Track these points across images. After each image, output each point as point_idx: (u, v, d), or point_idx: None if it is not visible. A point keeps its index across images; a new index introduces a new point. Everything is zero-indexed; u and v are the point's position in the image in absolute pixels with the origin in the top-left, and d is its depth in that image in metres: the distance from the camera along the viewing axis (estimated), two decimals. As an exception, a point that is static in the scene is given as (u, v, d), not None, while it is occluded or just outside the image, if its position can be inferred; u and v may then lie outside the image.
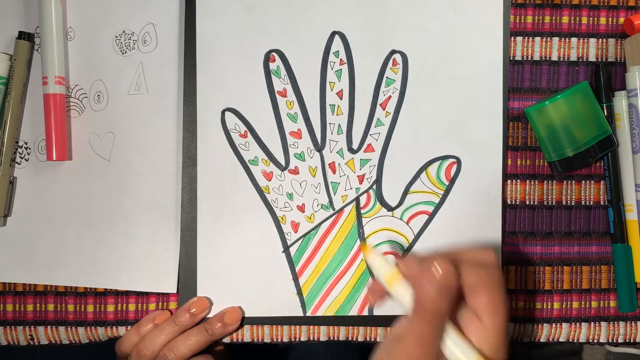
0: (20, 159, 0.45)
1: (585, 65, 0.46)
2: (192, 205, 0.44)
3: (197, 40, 0.45)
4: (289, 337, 0.45)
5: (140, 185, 0.45)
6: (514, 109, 0.46)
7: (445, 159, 0.45)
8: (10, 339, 0.45)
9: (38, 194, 0.45)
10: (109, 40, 0.45)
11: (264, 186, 0.45)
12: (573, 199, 0.46)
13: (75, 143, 0.45)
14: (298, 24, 0.45)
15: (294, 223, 0.45)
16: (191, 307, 0.43)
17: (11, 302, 0.45)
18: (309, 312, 0.45)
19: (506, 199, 0.46)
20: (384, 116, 0.45)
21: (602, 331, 0.46)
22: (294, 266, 0.45)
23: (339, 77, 0.45)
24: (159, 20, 0.45)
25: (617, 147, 0.45)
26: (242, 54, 0.45)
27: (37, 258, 0.45)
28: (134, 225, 0.45)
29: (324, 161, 0.45)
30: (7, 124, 0.44)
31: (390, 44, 0.45)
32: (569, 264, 0.46)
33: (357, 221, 0.45)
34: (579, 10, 0.46)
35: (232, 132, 0.45)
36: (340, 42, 0.45)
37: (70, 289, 0.45)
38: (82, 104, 0.45)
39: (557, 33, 0.46)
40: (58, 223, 0.45)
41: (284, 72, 0.45)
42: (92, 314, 0.45)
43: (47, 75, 0.43)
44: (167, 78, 0.45)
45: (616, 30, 0.47)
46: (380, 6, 0.45)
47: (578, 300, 0.46)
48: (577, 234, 0.46)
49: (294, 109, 0.45)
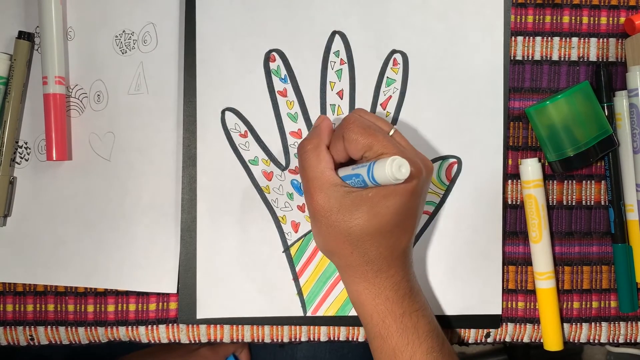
0: (20, 159, 0.45)
1: (586, 65, 0.46)
2: (192, 205, 0.44)
3: (197, 40, 0.45)
4: (289, 337, 0.45)
5: (140, 185, 0.45)
6: (515, 109, 0.46)
7: (445, 159, 0.45)
8: (10, 339, 0.45)
9: (38, 194, 0.45)
10: (109, 40, 0.45)
11: (264, 186, 0.45)
12: (574, 199, 0.46)
13: (75, 143, 0.45)
14: (298, 24, 0.45)
15: (294, 223, 0.45)
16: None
17: (11, 302, 0.45)
18: (309, 312, 0.45)
19: (506, 199, 0.46)
20: (384, 116, 0.45)
21: (603, 331, 0.46)
22: (294, 266, 0.45)
23: (340, 77, 0.45)
24: (159, 20, 0.45)
25: (618, 147, 0.45)
26: (242, 54, 0.45)
27: (37, 258, 0.45)
28: (134, 225, 0.45)
29: (324, 161, 0.45)
30: (7, 124, 0.44)
31: (390, 43, 0.45)
32: (570, 264, 0.46)
33: (358, 221, 0.45)
34: (579, 10, 0.46)
35: (232, 132, 0.45)
36: (341, 42, 0.45)
37: (70, 289, 0.45)
38: (82, 103, 0.45)
39: (557, 33, 0.46)
40: (58, 223, 0.45)
41: (285, 71, 0.45)
42: (92, 314, 0.45)
43: (47, 75, 0.43)
44: (167, 78, 0.45)
45: (617, 30, 0.47)
46: (380, 6, 0.45)
47: (579, 300, 0.46)
48: (577, 234, 0.46)
49: (294, 108, 0.45)
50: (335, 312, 0.45)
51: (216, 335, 0.45)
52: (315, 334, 0.45)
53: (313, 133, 0.39)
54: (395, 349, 0.37)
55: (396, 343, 0.37)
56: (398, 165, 0.33)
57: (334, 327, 0.45)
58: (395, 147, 0.36)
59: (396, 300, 0.38)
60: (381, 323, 0.38)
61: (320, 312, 0.45)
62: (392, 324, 0.37)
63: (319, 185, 0.37)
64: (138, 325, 0.45)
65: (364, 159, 0.37)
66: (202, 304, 0.44)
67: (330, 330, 0.45)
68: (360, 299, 0.38)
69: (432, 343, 0.38)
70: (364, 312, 0.39)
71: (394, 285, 0.38)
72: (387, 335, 0.38)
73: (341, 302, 0.45)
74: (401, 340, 0.37)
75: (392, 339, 0.38)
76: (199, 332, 0.45)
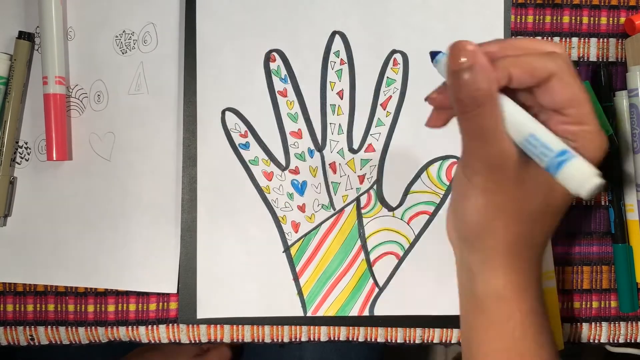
0: (20, 159, 0.45)
1: (586, 65, 0.46)
2: (192, 206, 0.44)
3: (197, 40, 0.45)
4: (290, 337, 0.45)
5: (140, 185, 0.45)
6: (515, 109, 0.46)
7: (446, 159, 0.45)
8: (10, 339, 0.45)
9: (38, 194, 0.45)
10: (109, 40, 0.45)
11: (264, 186, 0.45)
12: (574, 198, 0.46)
13: (75, 143, 0.45)
14: (298, 24, 0.45)
15: (294, 223, 0.45)
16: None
17: (11, 302, 0.45)
18: (309, 312, 0.45)
19: (507, 199, 0.46)
20: (384, 116, 0.45)
21: (603, 331, 0.46)
22: (295, 266, 0.45)
23: (340, 77, 0.45)
24: (159, 20, 0.45)
25: (618, 147, 0.45)
26: (242, 54, 0.45)
27: (37, 258, 0.45)
28: (134, 225, 0.45)
29: (324, 161, 0.45)
30: (7, 124, 0.44)
31: (390, 43, 0.45)
32: (570, 264, 0.46)
33: (358, 221, 0.45)
34: (579, 10, 0.46)
35: (232, 132, 0.45)
36: (341, 42, 0.45)
37: (70, 289, 0.45)
38: (82, 103, 0.45)
39: (557, 33, 0.46)
40: (58, 223, 0.45)
41: (285, 71, 0.45)
42: (93, 314, 0.45)
43: (47, 75, 0.43)
44: (167, 78, 0.45)
45: (617, 30, 0.47)
46: (380, 6, 0.45)
47: (579, 300, 0.46)
48: (578, 234, 0.46)
49: (294, 108, 0.45)
50: (336, 312, 0.45)
51: (216, 335, 0.45)
52: (316, 334, 0.45)
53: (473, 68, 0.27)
54: None
55: None
56: (593, 185, 0.25)
57: (334, 327, 0.45)
58: (600, 135, 0.28)
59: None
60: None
61: (320, 312, 0.45)
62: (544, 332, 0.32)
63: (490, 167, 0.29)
64: (138, 325, 0.45)
65: (554, 114, 0.28)
66: (202, 304, 0.44)
67: (330, 330, 0.45)
68: (504, 293, 0.31)
69: None
70: (499, 310, 0.32)
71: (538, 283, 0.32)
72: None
73: (341, 302, 0.45)
74: None
75: None
76: (199, 332, 0.45)
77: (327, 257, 0.45)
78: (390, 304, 0.45)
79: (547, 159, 0.27)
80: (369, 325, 0.45)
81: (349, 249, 0.45)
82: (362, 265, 0.45)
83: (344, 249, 0.45)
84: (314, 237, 0.45)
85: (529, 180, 0.29)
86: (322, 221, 0.45)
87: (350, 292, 0.45)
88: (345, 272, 0.45)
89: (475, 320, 0.33)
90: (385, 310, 0.45)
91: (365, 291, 0.45)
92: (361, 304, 0.45)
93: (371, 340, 0.46)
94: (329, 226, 0.45)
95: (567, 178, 0.26)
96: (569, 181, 0.26)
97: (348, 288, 0.45)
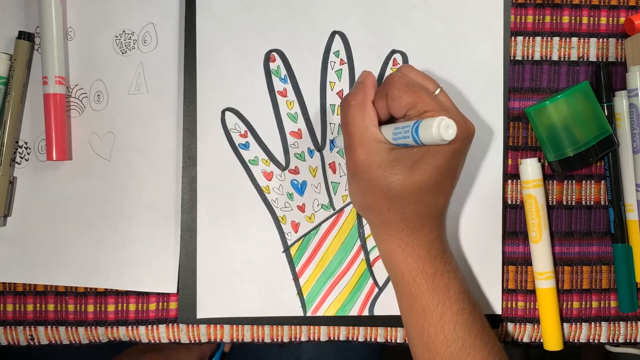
0: (20, 159, 0.45)
1: (586, 65, 0.46)
2: (192, 206, 0.44)
3: (197, 40, 0.45)
4: (289, 337, 0.45)
5: (140, 185, 0.45)
6: (515, 109, 0.46)
7: (445, 159, 0.45)
8: (10, 339, 0.45)
9: (38, 194, 0.45)
10: (109, 40, 0.45)
11: (264, 186, 0.45)
12: (573, 198, 0.46)
13: (75, 143, 0.45)
14: (298, 24, 0.45)
15: (294, 223, 0.45)
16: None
17: (11, 302, 0.45)
18: (309, 312, 0.45)
19: (506, 199, 0.46)
20: (384, 116, 0.45)
21: (603, 331, 0.46)
22: (294, 266, 0.45)
23: (340, 77, 0.45)
24: (159, 20, 0.45)
25: (618, 147, 0.45)
26: (242, 54, 0.45)
27: (37, 258, 0.45)
28: (134, 225, 0.45)
29: (324, 161, 0.45)
30: (7, 124, 0.44)
31: (390, 43, 0.45)
32: (570, 264, 0.46)
33: (358, 221, 0.45)
34: (579, 10, 0.46)
35: (232, 132, 0.45)
36: (341, 42, 0.45)
37: (70, 289, 0.45)
38: (82, 103, 0.45)
39: (557, 33, 0.46)
40: (58, 223, 0.45)
41: (284, 72, 0.45)
42: (93, 314, 0.45)
43: (47, 75, 0.43)
44: (167, 78, 0.45)
45: (617, 30, 0.47)
46: (380, 6, 0.45)
47: (579, 300, 0.46)
48: (577, 234, 0.46)
49: (294, 108, 0.45)
50: (335, 312, 0.45)
51: (216, 335, 0.45)
52: (315, 334, 0.45)
53: (357, 88, 0.39)
54: (425, 308, 0.37)
55: (427, 302, 0.37)
56: (446, 126, 0.32)
57: (334, 327, 0.45)
58: (439, 106, 0.36)
59: (428, 260, 0.37)
60: (412, 282, 0.38)
61: (320, 312, 0.45)
62: (423, 283, 0.37)
63: (361, 140, 0.37)
64: (138, 325, 0.45)
65: (407, 118, 0.37)
66: (202, 304, 0.44)
67: (330, 330, 0.45)
68: (393, 256, 0.38)
69: (463, 305, 0.37)
70: (395, 271, 0.39)
71: (427, 244, 0.38)
72: (418, 294, 0.37)
73: (341, 302, 0.45)
74: (432, 299, 0.37)
75: (422, 298, 0.37)
76: (199, 332, 0.45)
77: (327, 257, 0.45)
78: (390, 303, 0.45)
79: (408, 133, 0.34)
80: (369, 325, 0.45)
81: (349, 249, 0.45)
82: (361, 265, 0.45)
83: (344, 248, 0.45)
84: (313, 237, 0.45)
85: (397, 166, 0.36)
86: (321, 221, 0.45)
87: (350, 292, 0.45)
88: (345, 272, 0.45)
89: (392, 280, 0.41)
90: (385, 310, 0.45)
91: (365, 291, 0.45)
92: (361, 304, 0.45)
93: (371, 340, 0.46)
94: (329, 226, 0.45)
95: (425, 132, 0.33)
96: (428, 132, 0.33)
97: (348, 288, 0.45)
